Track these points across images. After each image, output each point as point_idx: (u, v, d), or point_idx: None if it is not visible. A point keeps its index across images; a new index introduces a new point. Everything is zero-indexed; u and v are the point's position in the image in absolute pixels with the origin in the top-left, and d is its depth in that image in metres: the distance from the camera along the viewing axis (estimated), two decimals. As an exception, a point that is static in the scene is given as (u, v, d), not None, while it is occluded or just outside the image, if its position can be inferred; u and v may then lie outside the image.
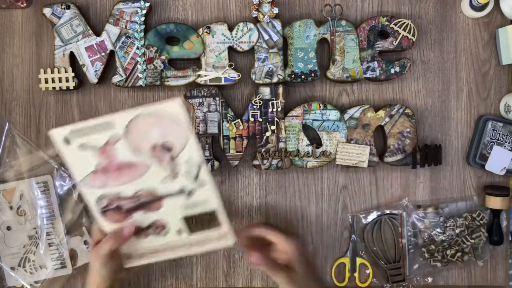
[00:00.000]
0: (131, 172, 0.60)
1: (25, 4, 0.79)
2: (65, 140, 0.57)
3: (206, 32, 0.75)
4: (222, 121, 0.76)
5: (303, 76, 0.76)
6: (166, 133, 0.57)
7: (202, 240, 0.65)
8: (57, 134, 0.57)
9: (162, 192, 0.62)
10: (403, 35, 0.76)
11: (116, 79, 0.76)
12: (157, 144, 0.58)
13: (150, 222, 0.64)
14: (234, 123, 0.76)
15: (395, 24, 0.76)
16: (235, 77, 0.75)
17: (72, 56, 0.76)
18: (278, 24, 0.75)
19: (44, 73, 0.76)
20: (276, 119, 0.76)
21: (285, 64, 0.76)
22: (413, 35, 0.76)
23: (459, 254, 0.80)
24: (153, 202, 0.62)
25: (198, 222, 0.64)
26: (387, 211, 0.81)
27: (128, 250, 0.66)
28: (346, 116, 0.77)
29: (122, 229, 0.64)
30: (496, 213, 0.80)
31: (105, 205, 0.62)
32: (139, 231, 0.65)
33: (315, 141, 0.77)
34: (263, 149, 0.76)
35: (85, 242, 0.79)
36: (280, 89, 0.76)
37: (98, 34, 0.76)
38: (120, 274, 0.68)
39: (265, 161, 0.76)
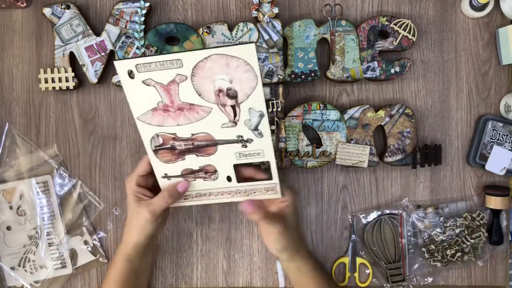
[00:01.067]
0: (191, 114, 0.59)
1: (25, 4, 0.79)
2: (130, 73, 0.56)
3: (206, 32, 0.75)
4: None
5: (303, 76, 0.76)
6: (234, 77, 0.56)
7: (249, 190, 0.66)
8: (122, 65, 0.55)
9: (219, 138, 0.62)
10: (403, 35, 0.76)
11: (116, 79, 0.76)
12: (223, 88, 0.57)
13: (201, 166, 0.64)
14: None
15: (395, 24, 0.76)
16: (235, 77, 0.75)
17: (72, 56, 0.76)
18: (278, 24, 0.75)
19: (44, 73, 0.76)
20: (276, 119, 0.76)
21: (285, 64, 0.76)
22: (413, 35, 0.76)
23: (459, 254, 0.80)
24: (208, 146, 0.62)
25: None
26: (387, 211, 0.81)
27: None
28: (346, 116, 0.77)
29: (176, 186, 0.65)
30: (496, 213, 0.80)
31: (160, 143, 0.62)
32: (189, 173, 0.65)
33: (315, 141, 0.77)
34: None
35: (85, 242, 0.79)
36: (280, 89, 0.76)
37: (98, 34, 0.76)
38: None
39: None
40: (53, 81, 0.76)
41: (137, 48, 0.75)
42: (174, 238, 0.81)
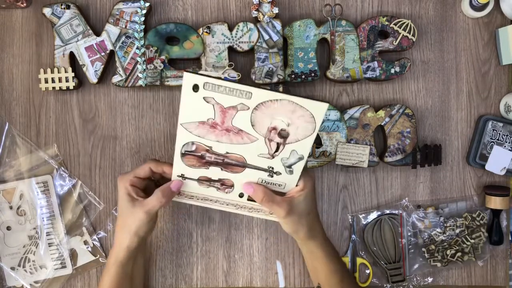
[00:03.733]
0: (236, 137, 0.60)
1: (25, 4, 0.79)
2: (195, 87, 0.56)
3: (206, 32, 0.75)
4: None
5: (303, 76, 0.76)
6: (293, 122, 0.58)
7: (254, 208, 0.69)
8: (190, 78, 0.55)
9: (250, 163, 0.63)
10: (403, 35, 0.76)
11: (116, 79, 0.76)
12: (278, 128, 0.58)
13: (221, 178, 0.66)
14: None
15: (395, 24, 0.76)
16: (235, 77, 0.75)
17: (72, 56, 0.76)
18: (278, 24, 0.75)
19: (44, 73, 0.76)
20: (276, 119, 0.76)
21: (285, 64, 0.76)
22: (413, 35, 0.76)
23: (459, 254, 0.80)
24: (237, 166, 0.64)
25: None
26: (387, 211, 0.81)
27: (182, 188, 0.68)
28: (346, 116, 0.77)
29: (169, 186, 0.65)
30: (496, 213, 0.80)
31: (192, 150, 0.63)
32: (205, 180, 0.67)
33: (315, 141, 0.77)
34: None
35: (85, 242, 0.79)
36: (280, 89, 0.76)
37: (98, 34, 0.76)
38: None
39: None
40: (53, 81, 0.76)
41: (137, 48, 0.75)
42: (174, 238, 0.81)
